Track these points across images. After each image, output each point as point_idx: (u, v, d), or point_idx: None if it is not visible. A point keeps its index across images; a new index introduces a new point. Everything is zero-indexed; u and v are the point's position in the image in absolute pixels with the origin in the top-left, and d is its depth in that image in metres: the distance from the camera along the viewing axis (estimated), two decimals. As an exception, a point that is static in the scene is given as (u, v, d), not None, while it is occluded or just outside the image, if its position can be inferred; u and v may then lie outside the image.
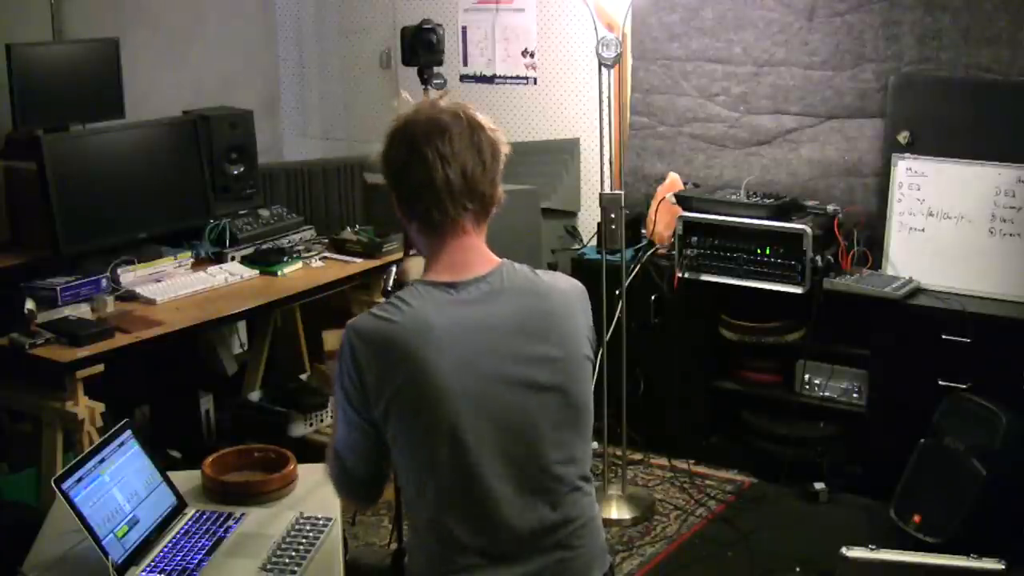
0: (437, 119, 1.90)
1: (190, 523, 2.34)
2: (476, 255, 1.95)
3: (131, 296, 3.54)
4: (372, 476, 1.97)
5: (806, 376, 4.17)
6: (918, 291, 3.93)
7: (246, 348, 4.90)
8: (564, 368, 1.92)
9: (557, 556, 1.93)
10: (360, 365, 1.85)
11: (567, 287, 2.00)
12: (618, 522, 3.91)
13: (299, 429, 4.34)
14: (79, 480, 2.15)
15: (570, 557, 1.94)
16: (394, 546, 3.36)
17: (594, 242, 4.41)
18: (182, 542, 2.26)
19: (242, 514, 2.37)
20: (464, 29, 5.09)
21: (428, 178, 1.88)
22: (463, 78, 5.12)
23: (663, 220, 4.35)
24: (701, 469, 4.33)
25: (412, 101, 1.96)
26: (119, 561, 2.12)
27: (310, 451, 4.02)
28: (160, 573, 2.15)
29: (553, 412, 1.91)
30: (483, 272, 1.93)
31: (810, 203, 4.19)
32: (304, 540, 2.26)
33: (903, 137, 4.08)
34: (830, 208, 4.09)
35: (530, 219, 4.39)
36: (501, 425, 1.87)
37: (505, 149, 1.95)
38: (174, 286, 3.63)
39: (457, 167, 1.88)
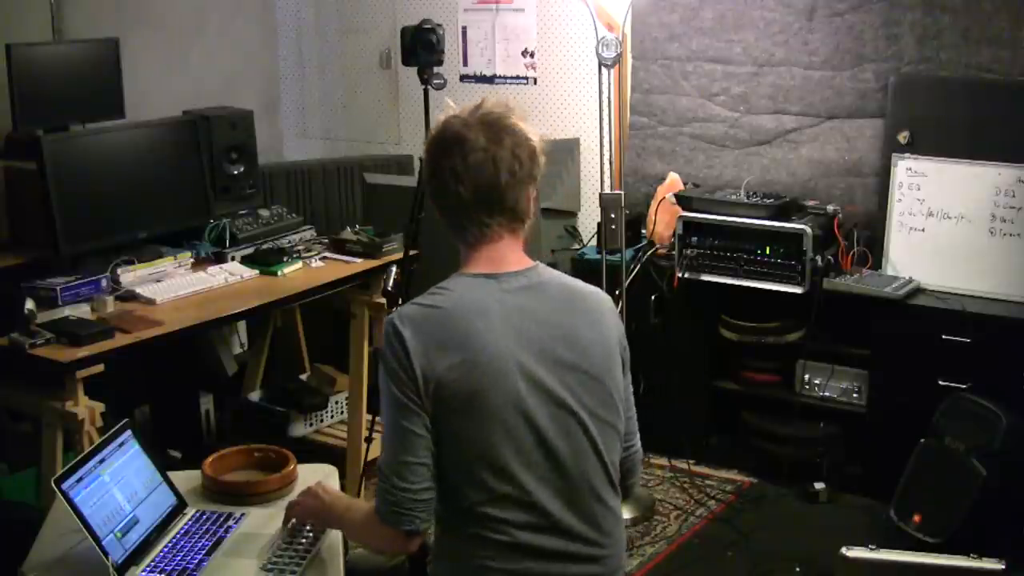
0: (459, 133, 1.92)
1: (190, 523, 2.34)
2: (512, 254, 1.98)
3: (131, 296, 3.53)
4: (427, 492, 1.88)
5: (806, 376, 4.17)
6: (918, 291, 3.93)
7: (246, 348, 4.90)
8: (581, 378, 1.94)
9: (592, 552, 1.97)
10: (410, 352, 1.84)
11: (598, 297, 2.03)
12: (618, 522, 3.91)
13: (299, 429, 4.35)
14: (79, 480, 2.15)
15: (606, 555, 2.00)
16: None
17: (594, 242, 4.41)
18: (182, 542, 2.26)
19: (242, 514, 2.37)
20: (464, 29, 5.09)
21: (444, 195, 1.94)
22: (463, 78, 5.12)
23: (663, 220, 4.35)
24: (701, 469, 4.33)
25: (454, 108, 1.97)
26: (119, 561, 2.11)
27: (310, 451, 4.03)
28: (160, 573, 2.15)
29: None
30: (520, 268, 1.97)
31: (810, 203, 4.19)
32: (304, 540, 2.25)
33: (903, 137, 4.08)
34: (830, 208, 4.09)
35: (530, 219, 4.39)
36: (551, 408, 1.90)
37: (541, 157, 1.99)
38: (174, 286, 3.62)
39: (470, 184, 1.91)
